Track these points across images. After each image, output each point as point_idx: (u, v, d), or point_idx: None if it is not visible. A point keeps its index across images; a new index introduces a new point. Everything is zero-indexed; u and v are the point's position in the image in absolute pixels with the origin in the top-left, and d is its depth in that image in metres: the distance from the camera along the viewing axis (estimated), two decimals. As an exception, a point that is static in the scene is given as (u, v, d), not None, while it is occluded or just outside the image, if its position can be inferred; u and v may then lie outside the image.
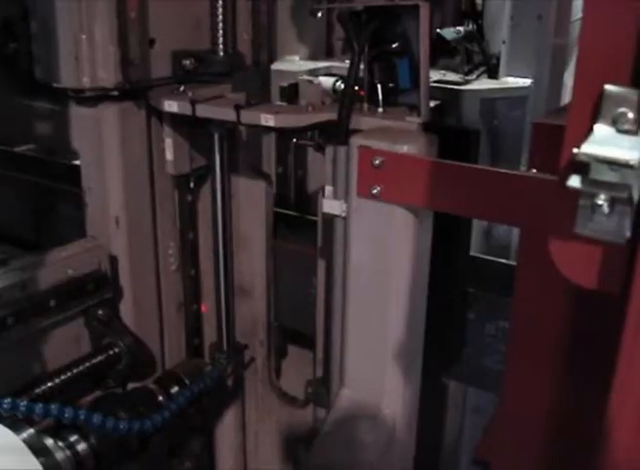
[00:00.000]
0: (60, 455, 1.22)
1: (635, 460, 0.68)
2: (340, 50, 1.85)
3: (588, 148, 0.54)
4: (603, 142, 0.54)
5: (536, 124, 1.04)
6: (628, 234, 0.57)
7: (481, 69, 1.70)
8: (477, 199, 1.12)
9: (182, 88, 1.54)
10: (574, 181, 0.56)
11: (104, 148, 1.54)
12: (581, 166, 0.54)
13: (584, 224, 0.58)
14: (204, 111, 1.45)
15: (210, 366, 1.72)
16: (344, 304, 1.36)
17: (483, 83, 1.57)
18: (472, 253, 1.52)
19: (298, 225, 1.73)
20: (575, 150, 0.54)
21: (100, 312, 1.52)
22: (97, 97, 1.50)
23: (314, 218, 1.59)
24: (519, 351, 1.11)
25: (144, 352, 1.64)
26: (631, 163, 0.51)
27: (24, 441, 1.15)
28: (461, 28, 1.68)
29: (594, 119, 0.57)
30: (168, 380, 1.55)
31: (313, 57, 1.78)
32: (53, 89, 1.51)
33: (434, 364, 1.48)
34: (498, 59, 1.63)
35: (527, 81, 1.56)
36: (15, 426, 1.16)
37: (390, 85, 1.37)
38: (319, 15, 1.63)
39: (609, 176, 0.54)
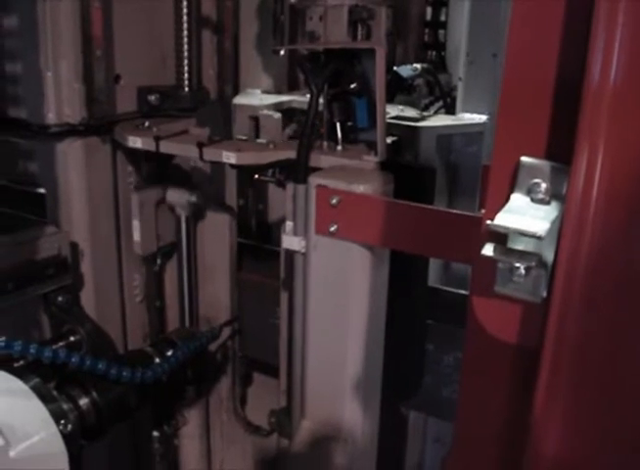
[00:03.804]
0: (65, 406, 1.25)
1: None
2: (303, 82, 1.89)
3: (502, 218, 0.58)
4: (518, 211, 0.58)
5: (486, 167, 1.08)
6: (544, 294, 0.61)
7: (439, 104, 1.75)
8: (429, 238, 1.16)
9: (147, 123, 1.57)
10: (488, 250, 0.60)
11: (69, 181, 1.56)
12: (497, 235, 0.58)
13: (503, 284, 0.62)
14: (167, 147, 1.47)
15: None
16: (304, 336, 1.39)
17: (440, 119, 1.61)
18: (431, 284, 1.55)
19: (264, 256, 1.76)
20: (489, 222, 0.58)
21: (60, 299, 1.54)
22: (62, 132, 1.52)
23: (279, 249, 1.62)
24: (472, 380, 1.15)
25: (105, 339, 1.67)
26: (538, 234, 0.55)
27: (32, 388, 1.19)
28: (418, 65, 1.72)
29: (512, 189, 0.61)
30: (163, 344, 1.57)
31: (277, 89, 1.81)
32: (19, 123, 1.54)
33: (395, 395, 1.51)
34: (459, 91, 1.67)
35: (483, 117, 1.61)
36: (21, 374, 1.20)
37: (349, 124, 1.41)
38: (282, 53, 1.67)
39: (521, 245, 0.58)
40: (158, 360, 1.48)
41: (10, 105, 1.55)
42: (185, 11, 1.57)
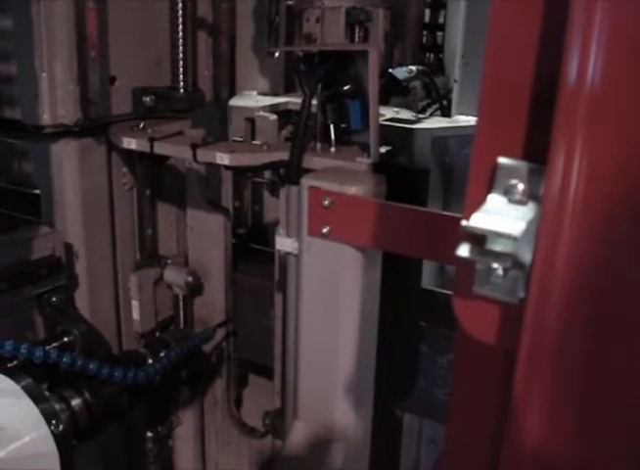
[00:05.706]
0: (56, 406, 1.26)
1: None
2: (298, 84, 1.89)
3: (477, 219, 0.58)
4: (494, 212, 0.58)
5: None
6: (522, 294, 0.61)
7: (435, 106, 1.74)
8: (421, 239, 1.16)
9: (142, 125, 1.58)
10: (463, 251, 0.60)
11: (64, 182, 1.56)
12: (475, 236, 0.58)
13: (482, 284, 0.62)
14: (161, 148, 1.48)
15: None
16: (297, 338, 1.39)
17: (435, 122, 1.61)
18: (426, 286, 1.55)
19: (259, 258, 1.76)
20: (464, 222, 0.58)
21: (54, 299, 1.53)
22: (57, 133, 1.53)
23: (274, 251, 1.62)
24: (463, 382, 1.14)
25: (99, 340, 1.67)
26: (514, 235, 0.55)
27: (23, 388, 1.20)
28: (413, 68, 1.72)
29: (489, 190, 0.62)
30: (157, 345, 1.60)
31: (273, 91, 1.82)
32: (14, 124, 1.54)
33: (388, 397, 1.51)
34: (456, 94, 1.67)
35: (479, 120, 1.60)
36: (13, 374, 1.21)
37: (343, 126, 1.41)
38: (276, 55, 1.67)
39: (499, 246, 0.58)
40: (150, 361, 1.49)
41: (4, 105, 1.55)
42: (180, 12, 1.57)
